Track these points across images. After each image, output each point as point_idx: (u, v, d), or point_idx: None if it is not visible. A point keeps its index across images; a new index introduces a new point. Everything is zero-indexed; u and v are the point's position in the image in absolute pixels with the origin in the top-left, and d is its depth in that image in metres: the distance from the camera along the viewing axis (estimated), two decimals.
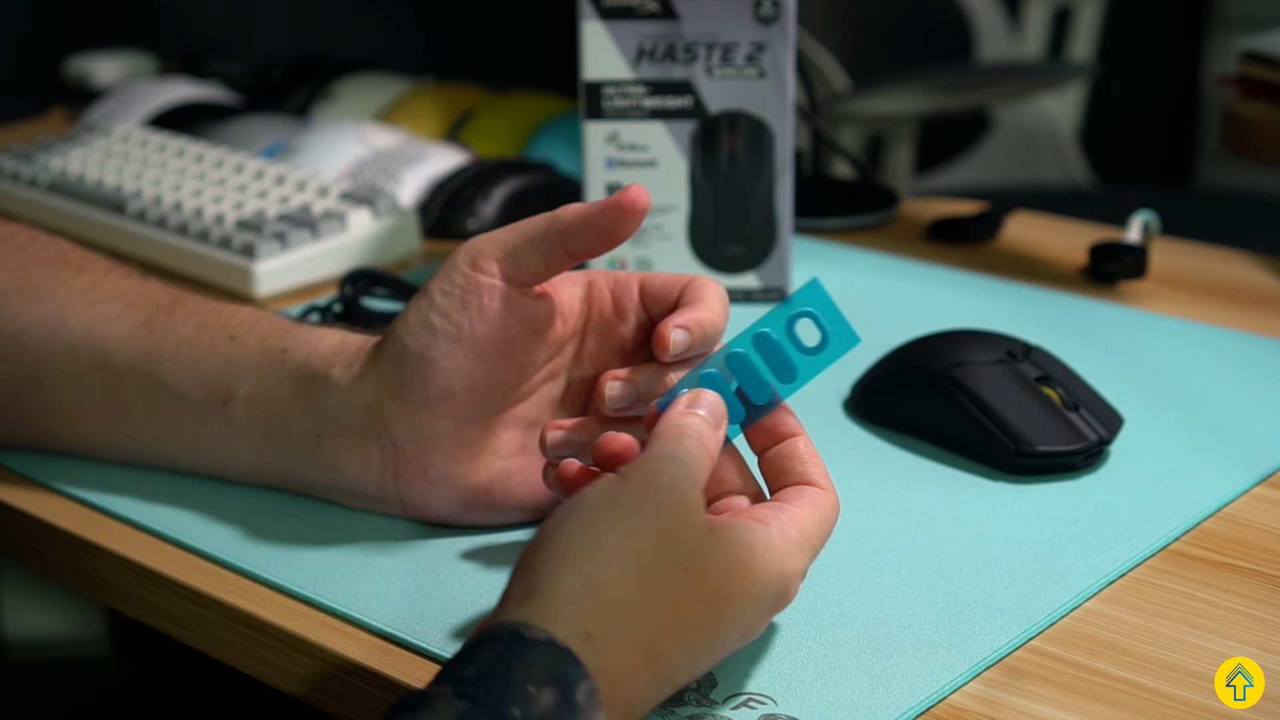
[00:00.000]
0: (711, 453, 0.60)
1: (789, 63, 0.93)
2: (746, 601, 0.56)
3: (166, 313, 0.74)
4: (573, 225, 0.65)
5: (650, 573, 0.54)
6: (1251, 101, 1.30)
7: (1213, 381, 0.85)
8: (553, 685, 0.50)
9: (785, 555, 0.58)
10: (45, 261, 0.77)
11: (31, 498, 0.75)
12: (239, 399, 0.71)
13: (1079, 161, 2.52)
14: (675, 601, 0.54)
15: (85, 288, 0.75)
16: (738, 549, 0.56)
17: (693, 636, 0.55)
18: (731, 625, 0.56)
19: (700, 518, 0.56)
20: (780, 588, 0.58)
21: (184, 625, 0.69)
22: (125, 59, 1.49)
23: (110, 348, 0.74)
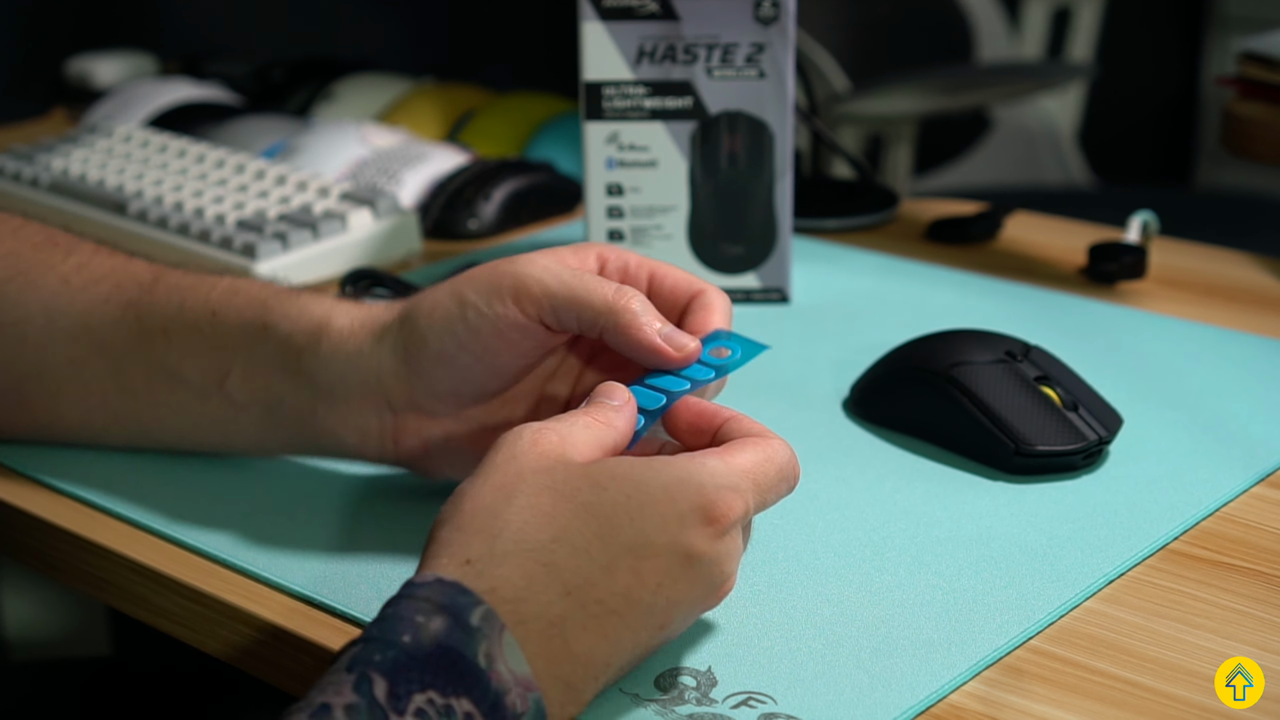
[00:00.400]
0: (613, 424, 0.61)
1: (789, 63, 0.93)
2: (644, 510, 0.56)
3: (149, 292, 0.74)
4: (621, 341, 0.65)
5: (514, 496, 0.57)
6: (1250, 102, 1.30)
7: (1212, 381, 0.85)
8: (443, 614, 0.52)
9: (692, 470, 0.58)
10: (36, 246, 0.77)
11: (31, 497, 0.75)
12: (234, 377, 0.71)
13: (1078, 162, 2.52)
14: (552, 516, 0.56)
15: (73, 271, 0.76)
16: (616, 465, 0.58)
17: (594, 546, 0.56)
18: (641, 531, 0.56)
19: (562, 454, 0.58)
20: (697, 502, 0.57)
21: (184, 624, 0.69)
22: (126, 59, 1.49)
23: (105, 331, 0.74)
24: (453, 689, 0.51)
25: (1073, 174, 2.50)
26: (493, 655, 0.53)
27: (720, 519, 0.57)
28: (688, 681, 0.59)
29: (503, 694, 0.52)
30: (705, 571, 0.57)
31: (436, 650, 0.52)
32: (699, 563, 0.57)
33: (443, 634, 0.52)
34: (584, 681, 0.55)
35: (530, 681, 0.53)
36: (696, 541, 0.57)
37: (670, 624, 0.58)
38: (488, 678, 0.52)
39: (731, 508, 0.58)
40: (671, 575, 0.57)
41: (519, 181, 1.13)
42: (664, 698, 0.58)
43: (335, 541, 0.70)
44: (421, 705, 0.51)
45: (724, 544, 0.58)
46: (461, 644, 0.52)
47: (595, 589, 0.55)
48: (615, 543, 0.56)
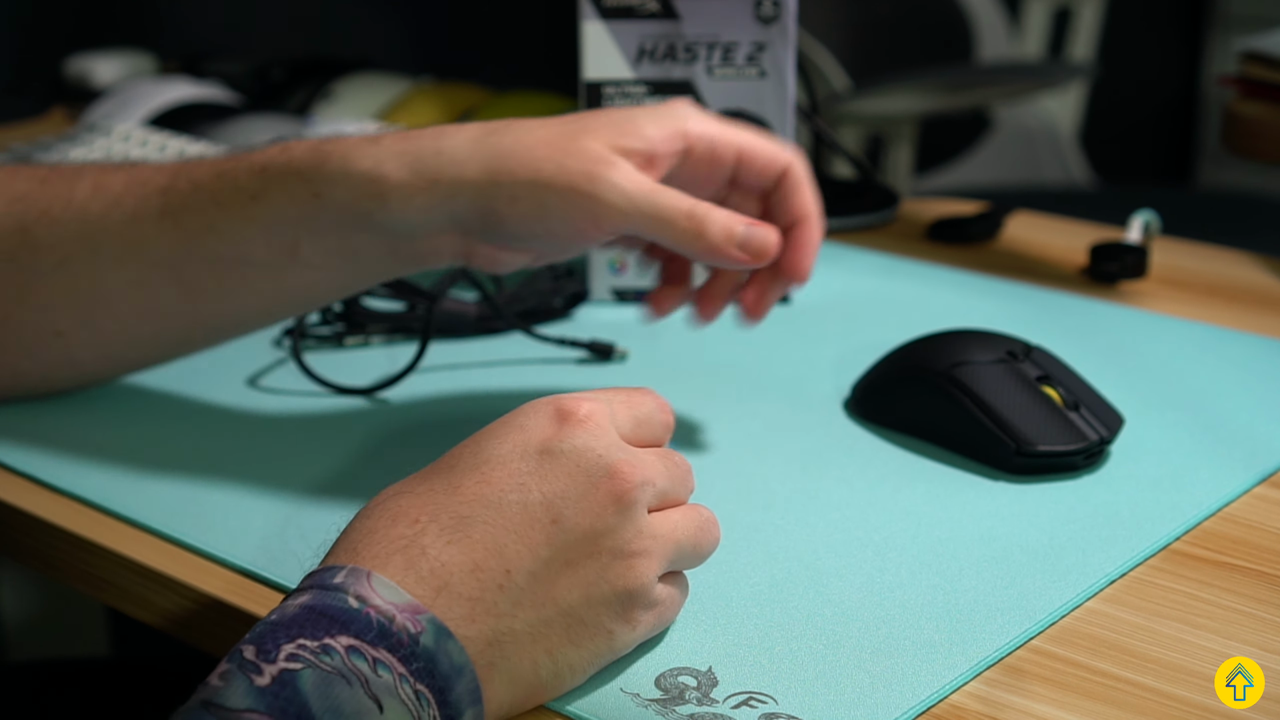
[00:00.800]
0: None
1: (789, 63, 0.93)
2: (486, 437, 0.58)
3: (177, 195, 0.74)
4: (704, 260, 0.69)
5: (388, 491, 0.58)
6: (1251, 101, 1.30)
7: (1213, 381, 0.85)
8: (308, 591, 0.53)
9: (520, 408, 0.59)
10: (43, 181, 0.77)
11: (31, 497, 0.75)
12: (305, 246, 0.73)
13: (1079, 161, 2.52)
14: (405, 488, 0.58)
15: (89, 196, 0.76)
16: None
17: (438, 481, 0.57)
18: (481, 450, 0.57)
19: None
20: (539, 410, 0.58)
21: (183, 624, 0.69)
22: (125, 58, 1.49)
23: (149, 245, 0.74)
24: (324, 631, 0.52)
25: (1074, 174, 2.50)
26: (364, 596, 0.53)
27: (570, 412, 0.58)
28: (688, 681, 0.59)
29: (388, 622, 0.52)
30: (572, 458, 0.57)
31: (301, 611, 0.52)
32: (559, 452, 0.57)
33: (307, 600, 0.53)
34: (482, 590, 0.55)
35: (415, 605, 0.53)
36: (547, 436, 0.57)
37: (562, 516, 0.56)
38: (365, 614, 0.52)
39: (577, 403, 0.58)
40: (533, 471, 0.57)
41: None
42: (664, 698, 0.58)
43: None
44: (292, 651, 0.51)
45: (585, 431, 0.58)
46: (329, 599, 0.53)
47: (444, 507, 0.56)
48: (457, 471, 0.57)
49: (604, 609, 0.57)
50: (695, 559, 0.61)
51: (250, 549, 0.69)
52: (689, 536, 0.60)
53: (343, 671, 0.51)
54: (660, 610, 0.59)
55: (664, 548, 0.58)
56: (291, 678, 0.50)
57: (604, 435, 0.58)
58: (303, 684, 0.50)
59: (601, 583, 0.57)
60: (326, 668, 0.51)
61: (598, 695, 0.58)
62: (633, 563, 0.57)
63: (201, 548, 0.70)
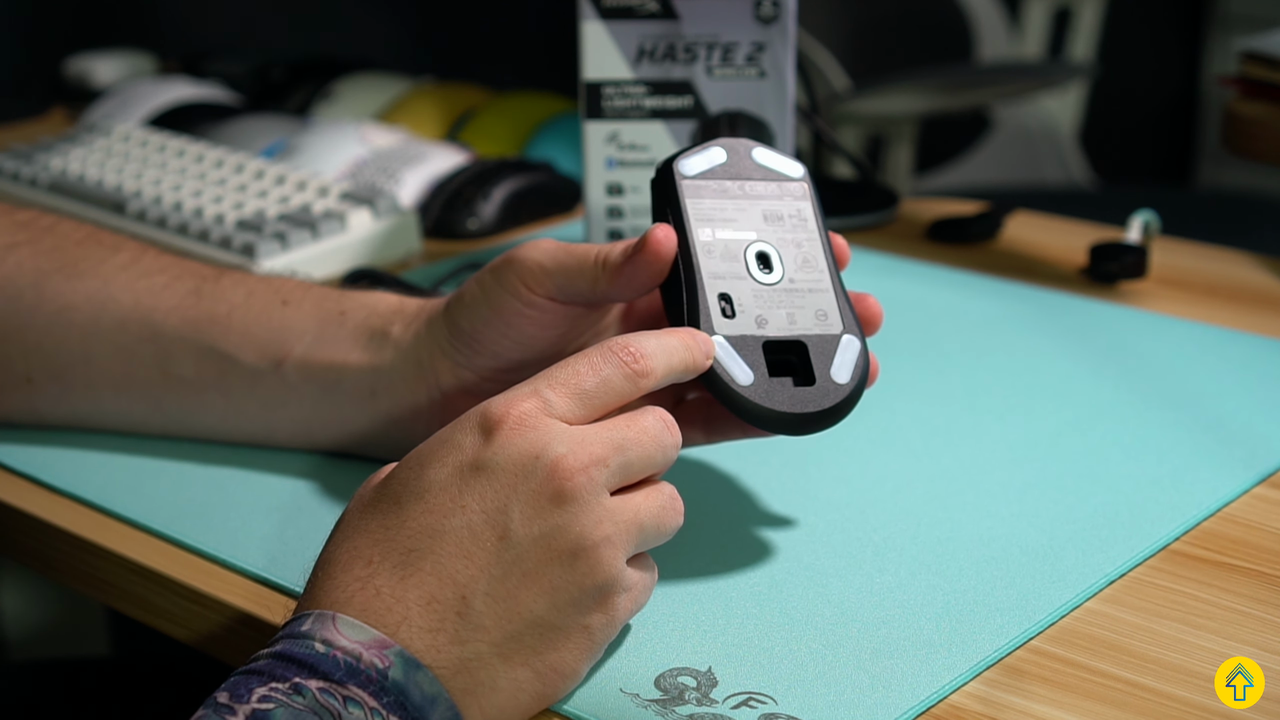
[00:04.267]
0: None
1: (789, 63, 0.93)
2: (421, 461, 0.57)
3: (214, 282, 0.76)
4: (615, 273, 0.66)
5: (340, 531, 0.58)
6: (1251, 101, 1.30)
7: (1213, 381, 0.85)
8: (279, 640, 0.54)
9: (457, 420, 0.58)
10: (79, 243, 0.79)
11: (31, 498, 0.75)
12: (294, 358, 0.73)
13: (1079, 161, 2.52)
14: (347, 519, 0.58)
15: (127, 263, 0.78)
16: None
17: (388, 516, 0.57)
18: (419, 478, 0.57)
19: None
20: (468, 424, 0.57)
21: (184, 625, 0.69)
22: (125, 59, 1.49)
23: (159, 317, 0.75)
24: (295, 674, 0.52)
25: (1073, 173, 2.50)
26: (330, 639, 0.53)
27: (498, 421, 0.57)
28: (688, 682, 0.59)
29: (355, 660, 0.53)
30: (508, 466, 0.56)
31: (271, 659, 0.53)
32: (493, 464, 0.56)
33: (276, 648, 0.54)
34: (442, 620, 0.55)
35: (382, 640, 0.54)
36: (478, 452, 0.57)
37: (508, 530, 0.56)
38: (332, 657, 0.53)
39: (509, 405, 0.57)
40: (471, 491, 0.56)
41: (519, 181, 1.12)
42: (664, 698, 0.58)
43: None
44: (264, 693, 0.51)
45: (519, 436, 0.56)
46: (297, 646, 0.53)
47: (393, 543, 0.56)
48: (401, 501, 0.57)
49: (574, 609, 0.56)
50: (659, 539, 0.59)
51: (250, 550, 0.69)
52: (652, 518, 0.58)
53: (315, 709, 0.51)
54: (635, 594, 0.59)
55: (626, 532, 0.57)
56: (264, 715, 0.51)
57: (537, 434, 0.56)
58: None
59: (568, 585, 0.56)
60: (299, 706, 0.51)
61: (598, 695, 0.58)
62: (597, 554, 0.56)
63: (201, 548, 0.70)
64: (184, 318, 0.75)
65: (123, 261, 0.78)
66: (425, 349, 0.71)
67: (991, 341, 0.91)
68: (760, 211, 0.68)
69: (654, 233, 0.65)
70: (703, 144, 0.68)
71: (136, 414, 0.77)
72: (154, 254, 0.79)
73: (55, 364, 0.77)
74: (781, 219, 0.68)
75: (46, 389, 0.77)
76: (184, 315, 0.75)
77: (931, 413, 0.82)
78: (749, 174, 0.69)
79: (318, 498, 0.73)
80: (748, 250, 0.66)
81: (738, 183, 0.68)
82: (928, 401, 0.83)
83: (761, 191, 0.68)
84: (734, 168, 0.68)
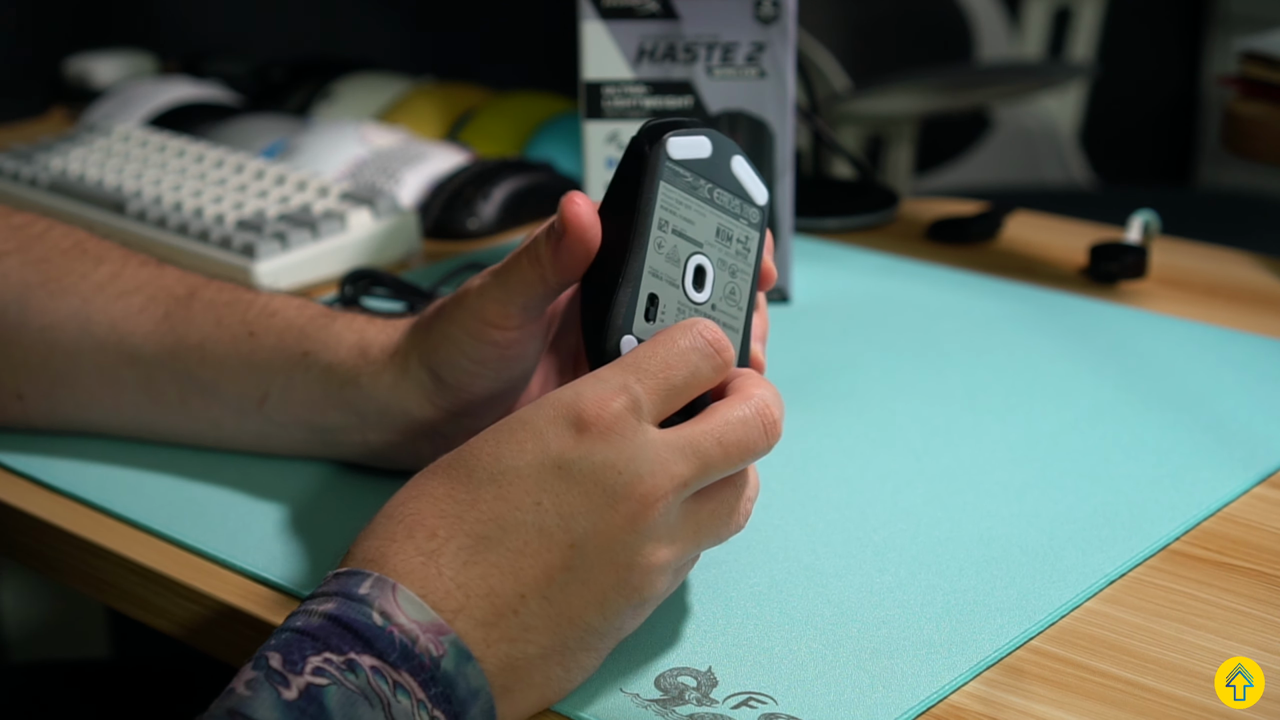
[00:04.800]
0: None
1: (789, 63, 0.93)
2: (499, 443, 0.56)
3: (185, 306, 0.74)
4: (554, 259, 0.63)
5: (409, 488, 0.58)
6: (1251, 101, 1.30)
7: (1213, 381, 0.85)
8: (333, 597, 0.53)
9: (551, 394, 0.57)
10: (65, 253, 0.77)
11: (31, 498, 0.75)
12: (273, 399, 0.72)
13: (1079, 161, 2.52)
14: (414, 483, 0.57)
15: (106, 280, 0.76)
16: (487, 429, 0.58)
17: (456, 489, 0.56)
18: (499, 461, 0.56)
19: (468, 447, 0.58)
20: (556, 414, 0.56)
21: (184, 625, 0.69)
22: (125, 59, 1.49)
23: (136, 343, 0.74)
24: (350, 647, 0.52)
25: (1073, 174, 2.50)
26: (389, 613, 0.53)
27: (590, 421, 0.55)
28: (688, 681, 0.59)
29: (411, 643, 0.52)
30: (591, 475, 0.55)
31: (327, 622, 0.52)
32: (575, 468, 0.55)
33: (332, 610, 0.53)
34: (498, 616, 0.54)
35: (439, 625, 0.53)
36: (564, 449, 0.55)
37: (582, 540, 0.55)
38: (388, 633, 0.52)
39: (603, 405, 0.55)
40: (549, 490, 0.55)
41: (519, 181, 1.12)
42: (664, 698, 0.58)
43: (337, 542, 0.70)
44: (319, 665, 0.51)
45: (607, 443, 0.55)
46: (354, 612, 0.53)
47: (461, 521, 0.55)
48: (475, 479, 0.56)
49: (618, 617, 0.57)
50: (714, 544, 0.60)
51: (250, 550, 0.69)
52: (712, 532, 0.58)
53: (366, 693, 0.51)
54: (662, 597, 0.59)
55: (684, 551, 0.57)
56: (318, 693, 0.50)
57: (624, 446, 0.55)
58: (329, 701, 0.50)
59: (620, 599, 0.56)
60: (351, 686, 0.51)
61: (598, 695, 0.58)
62: (653, 575, 0.56)
63: (202, 549, 0.70)
64: (159, 345, 0.74)
65: (102, 278, 0.76)
66: (407, 403, 0.69)
67: (991, 341, 0.91)
68: (715, 224, 0.63)
69: (571, 209, 0.61)
70: (694, 127, 0.62)
71: (130, 430, 0.77)
72: (135, 266, 0.77)
73: (43, 382, 0.76)
74: (730, 240, 0.63)
75: (38, 404, 0.77)
76: (159, 343, 0.74)
77: (931, 413, 0.82)
78: (721, 180, 0.63)
79: (318, 497, 0.73)
80: (690, 259, 0.61)
81: (709, 185, 0.63)
82: (928, 401, 0.83)
83: (724, 203, 0.63)
84: (712, 167, 0.63)
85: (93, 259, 0.77)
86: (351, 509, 0.72)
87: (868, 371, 0.87)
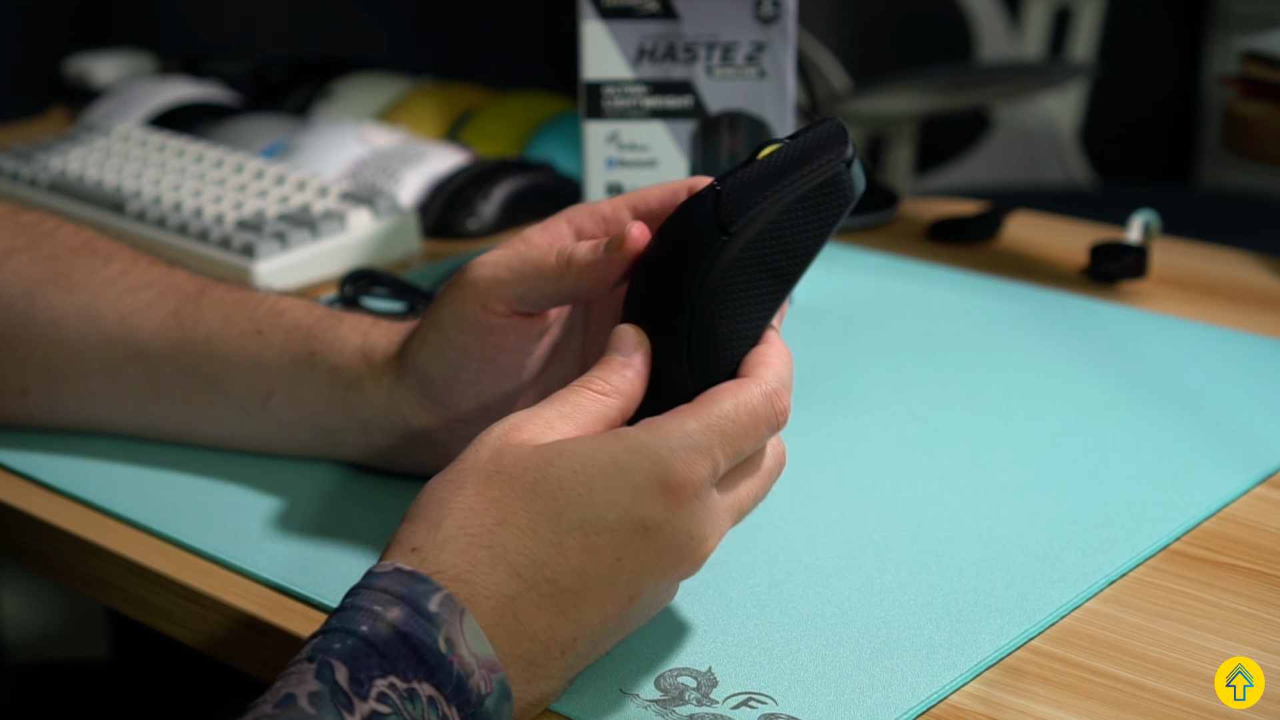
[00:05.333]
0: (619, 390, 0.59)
1: (789, 62, 0.93)
2: (592, 485, 0.55)
3: (194, 303, 0.75)
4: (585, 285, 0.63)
5: (463, 485, 0.56)
6: (1252, 101, 1.30)
7: (1213, 381, 0.85)
8: (400, 603, 0.53)
9: (645, 439, 0.56)
10: (74, 250, 0.78)
11: (31, 498, 0.75)
12: (278, 398, 0.72)
13: (1079, 161, 2.52)
14: (497, 500, 0.56)
15: (115, 276, 0.76)
16: (567, 443, 0.57)
17: (541, 526, 0.55)
18: (590, 508, 0.55)
19: (519, 443, 0.57)
20: (651, 470, 0.55)
21: (183, 624, 0.69)
22: (125, 59, 1.49)
23: (143, 338, 0.75)
24: (414, 674, 0.52)
25: (1074, 173, 2.50)
26: (454, 640, 0.53)
27: (679, 486, 0.56)
28: (688, 682, 0.59)
29: (466, 677, 0.53)
30: (669, 539, 0.56)
31: (396, 637, 0.52)
32: (659, 532, 0.56)
33: (401, 621, 0.53)
34: (548, 659, 0.55)
35: (494, 662, 0.54)
36: (652, 512, 0.56)
37: (641, 594, 0.56)
38: (449, 662, 0.52)
39: (692, 470, 0.56)
40: (630, 548, 0.56)
41: (519, 181, 1.12)
42: (664, 698, 0.58)
43: (336, 542, 0.70)
44: (384, 690, 0.51)
45: (688, 510, 0.56)
46: (421, 631, 0.52)
47: (545, 568, 0.55)
48: (564, 520, 0.55)
49: (642, 620, 0.59)
50: None
51: (250, 551, 0.69)
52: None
53: None
54: None
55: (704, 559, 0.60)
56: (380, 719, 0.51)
57: (703, 517, 0.57)
58: None
59: (650, 607, 0.59)
60: (409, 717, 0.51)
61: (598, 696, 0.58)
62: (676, 587, 0.60)
63: (201, 549, 0.70)
64: (167, 340, 0.74)
65: (112, 275, 0.76)
66: (407, 408, 0.69)
67: (991, 341, 0.91)
68: None
69: (631, 230, 0.62)
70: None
71: (132, 428, 0.77)
72: (145, 265, 0.77)
73: (47, 376, 0.76)
74: None
75: (40, 399, 0.77)
76: (167, 338, 0.74)
77: (931, 413, 0.82)
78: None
79: (319, 498, 0.73)
80: None
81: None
82: (928, 401, 0.83)
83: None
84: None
85: (102, 257, 0.77)
86: (353, 510, 0.72)
87: (868, 371, 0.87)
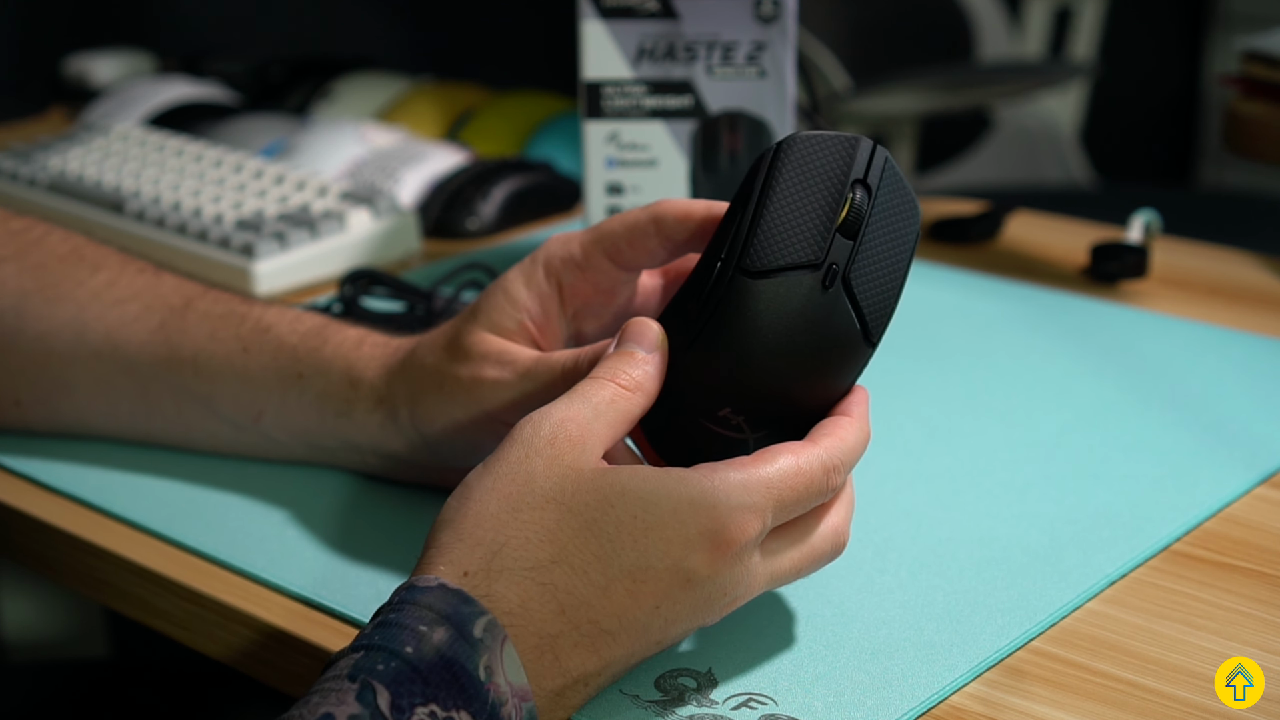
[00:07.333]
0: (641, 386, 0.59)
1: (789, 62, 0.92)
2: (649, 533, 0.55)
3: (180, 316, 0.74)
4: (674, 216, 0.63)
5: (520, 509, 0.55)
6: (1252, 101, 1.30)
7: (1213, 381, 0.85)
8: (445, 624, 0.52)
9: (706, 488, 0.55)
10: (62, 259, 0.77)
11: (31, 498, 0.75)
12: (269, 416, 0.72)
13: (1080, 161, 2.52)
14: (554, 533, 0.55)
15: (102, 287, 0.76)
16: (629, 480, 0.56)
17: (592, 568, 0.55)
18: (643, 555, 0.55)
19: (578, 457, 0.56)
20: (707, 525, 0.55)
21: (183, 625, 0.69)
22: (124, 58, 1.49)
23: (131, 353, 0.74)
24: (453, 702, 0.51)
25: (1074, 173, 2.50)
26: (493, 668, 0.53)
27: (729, 544, 0.56)
28: (688, 682, 0.59)
29: (499, 705, 0.52)
30: (707, 593, 0.56)
31: (439, 662, 0.52)
32: (700, 586, 0.56)
33: (445, 645, 0.52)
34: (571, 692, 0.56)
35: (526, 691, 0.54)
36: (699, 566, 0.56)
37: (667, 639, 0.57)
38: (486, 690, 0.52)
39: (743, 530, 0.56)
40: (670, 597, 0.56)
41: (518, 181, 1.12)
42: (664, 698, 0.58)
43: (335, 542, 0.70)
44: (424, 718, 0.51)
45: (730, 567, 0.56)
46: (464, 656, 0.52)
47: (590, 609, 0.55)
48: (615, 564, 0.55)
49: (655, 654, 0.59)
50: None
51: (250, 551, 0.69)
52: None
53: None
54: None
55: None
56: None
57: (741, 570, 0.57)
58: None
59: (666, 647, 0.59)
60: None
61: (598, 696, 0.58)
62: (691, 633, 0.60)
63: (201, 549, 0.70)
64: (154, 356, 0.74)
65: (98, 286, 0.75)
66: (394, 441, 0.69)
67: (992, 341, 0.91)
68: None
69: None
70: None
71: (129, 437, 0.77)
72: (132, 274, 0.76)
73: (40, 389, 0.76)
74: None
75: (36, 411, 0.77)
76: (154, 354, 0.74)
77: (932, 413, 0.82)
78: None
79: (319, 499, 0.73)
80: None
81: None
82: (928, 401, 0.83)
83: None
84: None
85: (89, 265, 0.76)
86: (353, 511, 0.72)
87: (868, 371, 0.87)
